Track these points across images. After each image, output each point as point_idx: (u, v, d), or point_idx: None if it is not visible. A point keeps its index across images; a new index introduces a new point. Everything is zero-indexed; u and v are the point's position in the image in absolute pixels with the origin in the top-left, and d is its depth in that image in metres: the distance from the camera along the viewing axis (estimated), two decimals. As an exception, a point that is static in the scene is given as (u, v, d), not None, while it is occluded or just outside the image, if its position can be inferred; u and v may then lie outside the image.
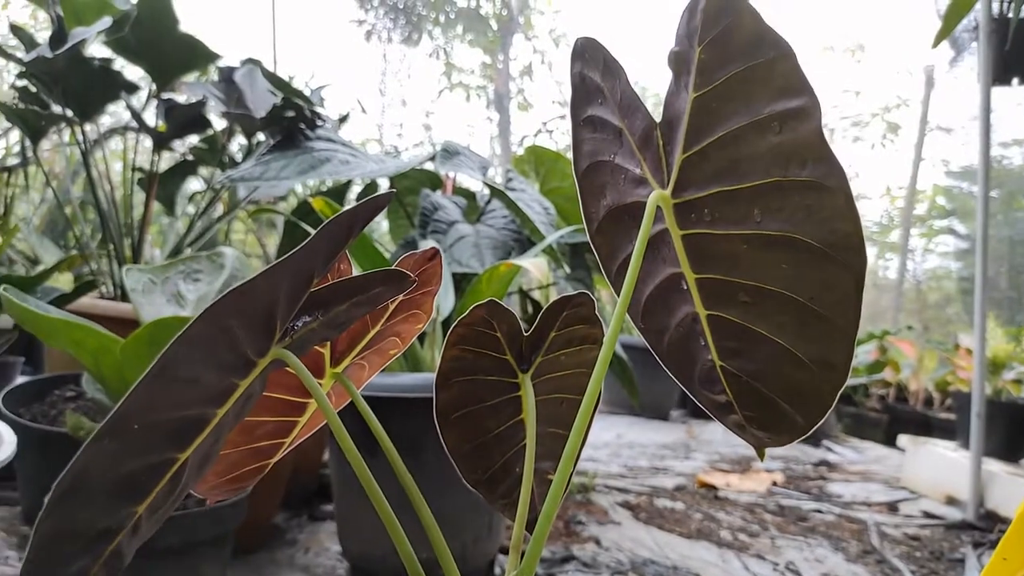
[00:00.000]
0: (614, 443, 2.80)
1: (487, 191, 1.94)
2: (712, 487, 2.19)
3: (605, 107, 0.50)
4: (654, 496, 1.99)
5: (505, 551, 1.41)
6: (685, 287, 0.49)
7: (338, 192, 2.04)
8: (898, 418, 3.49)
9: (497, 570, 1.32)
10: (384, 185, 2.19)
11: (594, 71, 0.50)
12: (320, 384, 0.50)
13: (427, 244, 1.53)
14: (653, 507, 1.87)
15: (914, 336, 3.97)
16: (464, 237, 1.71)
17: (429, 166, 2.03)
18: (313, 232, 0.36)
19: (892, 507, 2.16)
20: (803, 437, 0.49)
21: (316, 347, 0.48)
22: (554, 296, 1.62)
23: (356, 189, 2.24)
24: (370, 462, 1.04)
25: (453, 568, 0.51)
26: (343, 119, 2.05)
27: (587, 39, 0.50)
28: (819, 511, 2.03)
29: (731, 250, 0.46)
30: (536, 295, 2.15)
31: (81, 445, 0.33)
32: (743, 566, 1.50)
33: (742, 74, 0.42)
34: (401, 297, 0.50)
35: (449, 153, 1.74)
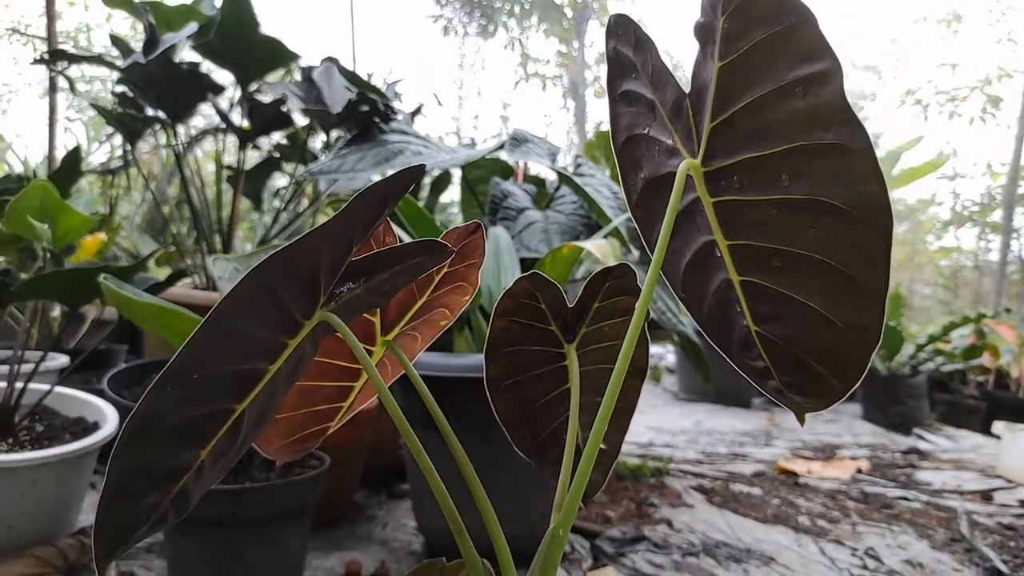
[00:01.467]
0: (692, 430, 2.78)
1: (557, 178, 1.96)
2: (792, 473, 2.15)
3: (638, 81, 0.52)
4: (730, 481, 1.97)
5: (576, 529, 1.44)
6: (719, 254, 0.50)
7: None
8: (998, 405, 3.31)
9: (567, 548, 1.35)
10: (457, 175, 2.23)
11: (627, 47, 0.51)
12: (372, 351, 0.54)
13: (497, 230, 1.56)
14: (728, 491, 1.86)
15: (1016, 320, 3.75)
16: (533, 223, 1.73)
17: (501, 155, 2.06)
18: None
19: (986, 496, 2.06)
20: (841, 401, 0.49)
21: (366, 316, 0.52)
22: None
23: (434, 181, 2.30)
24: (432, 437, 1.10)
25: (502, 541, 0.54)
26: (416, 112, 2.10)
27: (619, 16, 0.51)
28: (905, 499, 1.97)
29: (761, 216, 0.46)
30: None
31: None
32: (819, 550, 1.48)
33: (765, 41, 0.43)
34: (446, 269, 0.53)
35: (518, 141, 1.77)
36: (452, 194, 3.12)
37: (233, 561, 1.06)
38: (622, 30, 0.51)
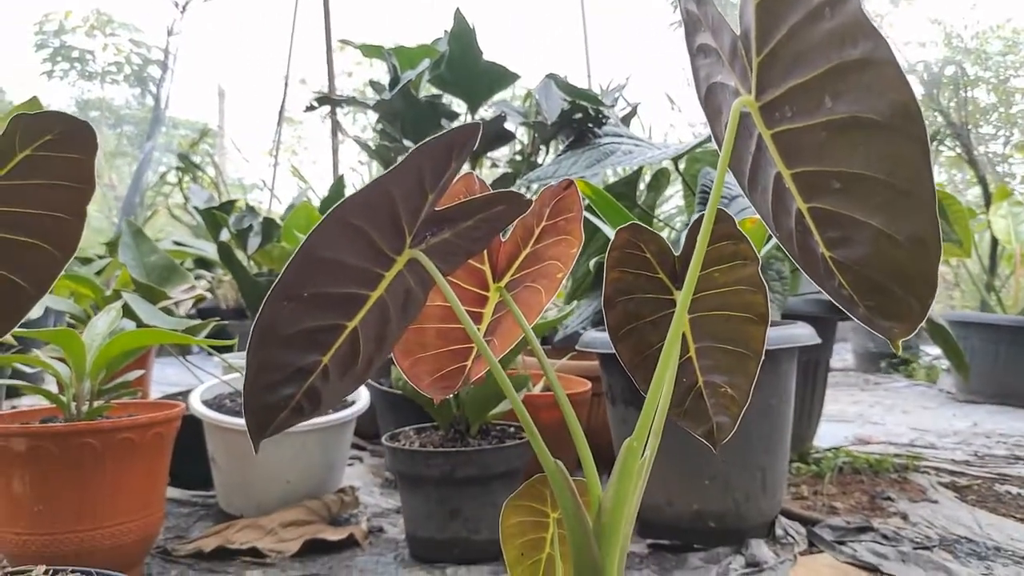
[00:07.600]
0: (966, 431, 2.48)
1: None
2: (1087, 479, 1.85)
3: (705, 33, 0.55)
4: (996, 482, 1.75)
5: (793, 516, 1.40)
6: (786, 185, 0.52)
7: (629, 181, 2.16)
8: None
9: (779, 531, 1.32)
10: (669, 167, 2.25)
11: (692, 3, 0.55)
12: (486, 296, 0.63)
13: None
14: (989, 491, 1.66)
15: None
16: (745, 209, 1.71)
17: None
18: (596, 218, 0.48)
19: None
20: (923, 323, 0.48)
21: (476, 264, 0.61)
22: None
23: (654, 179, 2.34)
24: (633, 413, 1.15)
25: (589, 460, 0.60)
26: (631, 114, 2.17)
27: (683, -24, 0.56)
28: None
29: (813, 140, 0.48)
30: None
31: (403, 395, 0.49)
32: (1096, 556, 1.28)
33: (790, -28, 0.46)
34: (545, 222, 0.61)
35: (725, 128, 1.76)
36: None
37: (452, 515, 1.20)
38: (686, -12, 0.55)
